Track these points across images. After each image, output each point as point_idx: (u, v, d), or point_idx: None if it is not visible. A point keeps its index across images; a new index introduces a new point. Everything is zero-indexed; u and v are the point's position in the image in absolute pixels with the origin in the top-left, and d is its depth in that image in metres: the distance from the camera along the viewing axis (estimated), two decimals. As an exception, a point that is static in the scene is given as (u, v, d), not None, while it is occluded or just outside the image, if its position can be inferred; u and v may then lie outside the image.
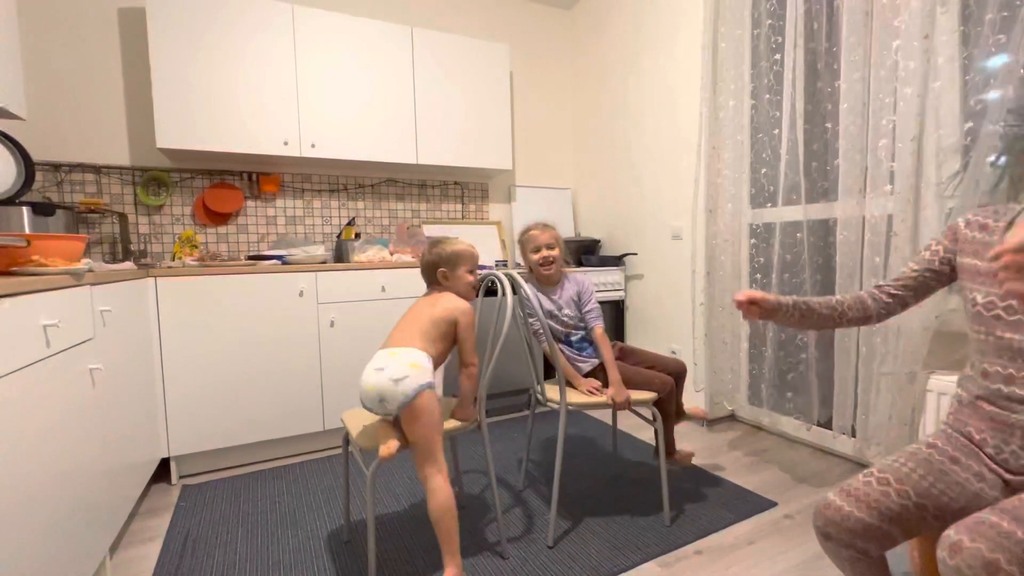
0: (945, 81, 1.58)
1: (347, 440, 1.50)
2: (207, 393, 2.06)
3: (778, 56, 2.05)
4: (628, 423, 2.62)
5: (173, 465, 2.05)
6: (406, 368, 1.29)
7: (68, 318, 1.24)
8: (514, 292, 1.53)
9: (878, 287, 1.17)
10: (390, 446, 1.25)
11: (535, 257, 1.76)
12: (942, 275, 1.09)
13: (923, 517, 0.90)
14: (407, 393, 1.27)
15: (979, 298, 0.98)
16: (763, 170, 2.22)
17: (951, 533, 0.77)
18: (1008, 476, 0.92)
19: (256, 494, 1.92)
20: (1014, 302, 0.92)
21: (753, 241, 2.29)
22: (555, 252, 1.75)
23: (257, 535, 1.65)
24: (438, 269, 1.51)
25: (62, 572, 1.14)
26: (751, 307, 1.17)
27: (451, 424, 1.44)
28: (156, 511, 1.83)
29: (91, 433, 1.35)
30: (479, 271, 1.58)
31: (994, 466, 0.94)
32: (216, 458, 2.15)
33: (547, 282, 1.79)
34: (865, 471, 0.98)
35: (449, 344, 1.46)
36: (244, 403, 2.13)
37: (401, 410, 1.28)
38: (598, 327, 1.74)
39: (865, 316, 1.17)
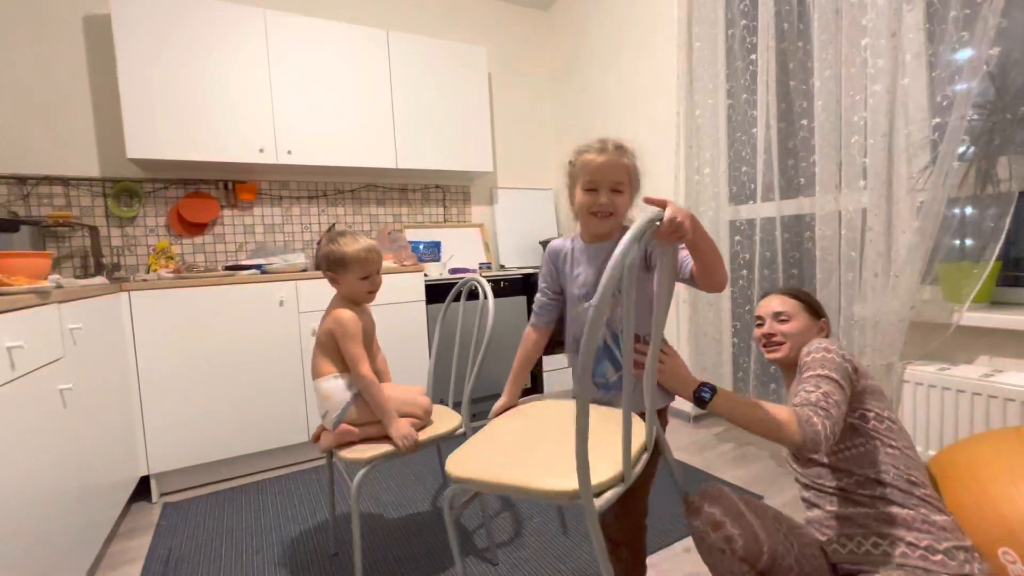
0: (913, 78, 1.61)
1: (330, 451, 1.47)
2: (187, 408, 2.02)
3: (753, 56, 2.07)
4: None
5: (153, 483, 2.00)
6: (322, 404, 1.34)
7: (34, 338, 1.20)
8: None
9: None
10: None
11: (585, 200, 1.07)
12: None
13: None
14: (335, 423, 1.31)
15: (884, 412, 1.06)
16: (743, 168, 2.24)
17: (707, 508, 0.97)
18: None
19: (240, 509, 1.88)
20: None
21: (737, 238, 2.31)
22: (623, 199, 1.07)
23: (242, 551, 1.61)
24: (326, 272, 1.37)
25: (35, 601, 1.11)
26: None
27: (437, 431, 1.42)
28: (137, 531, 1.78)
29: (63, 455, 1.31)
30: (462, 273, 1.49)
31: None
32: (198, 474, 2.11)
33: (597, 238, 1.13)
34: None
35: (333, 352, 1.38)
36: (226, 416, 2.08)
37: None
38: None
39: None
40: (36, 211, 2.24)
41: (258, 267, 2.31)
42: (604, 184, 1.05)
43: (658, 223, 0.79)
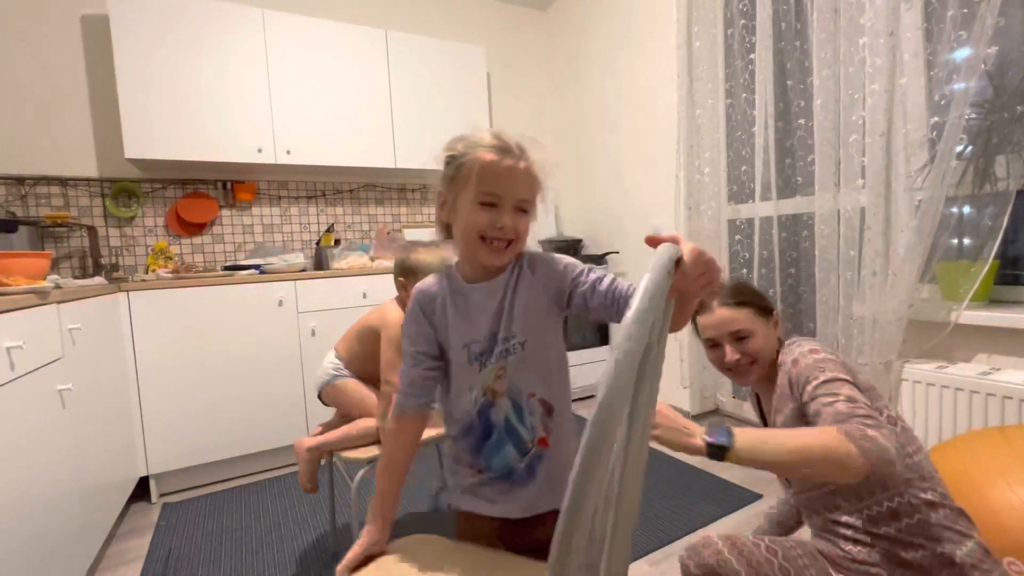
0: (911, 77, 1.61)
1: (330, 451, 1.47)
2: (186, 408, 2.01)
3: (752, 56, 2.08)
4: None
5: (152, 483, 2.00)
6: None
7: (34, 338, 1.20)
8: None
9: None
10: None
11: (478, 218, 0.78)
12: None
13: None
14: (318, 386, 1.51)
15: None
16: (743, 167, 2.25)
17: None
18: None
19: (240, 509, 1.88)
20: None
21: (737, 237, 2.31)
22: (525, 221, 0.81)
23: (242, 551, 1.61)
24: (396, 278, 1.44)
25: (35, 602, 1.11)
26: None
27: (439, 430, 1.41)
28: (136, 531, 1.78)
29: (62, 455, 1.31)
30: None
31: None
32: (197, 474, 2.10)
33: (486, 274, 0.84)
34: (755, 534, 0.98)
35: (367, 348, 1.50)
36: (225, 417, 2.08)
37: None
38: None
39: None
40: (34, 211, 2.23)
41: (257, 267, 2.30)
42: (508, 200, 0.77)
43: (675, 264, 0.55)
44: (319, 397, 1.58)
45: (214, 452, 2.07)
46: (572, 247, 3.14)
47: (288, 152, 2.43)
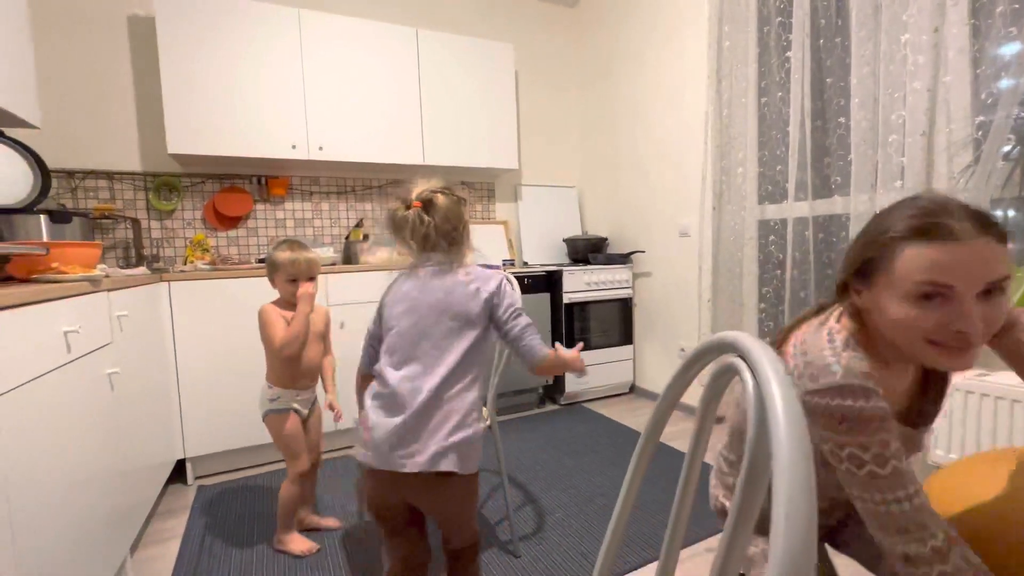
0: (956, 74, 1.56)
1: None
2: (221, 395, 2.09)
3: (788, 53, 2.04)
4: (636, 421, 2.62)
5: (189, 466, 2.08)
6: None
7: (87, 324, 1.27)
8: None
9: None
10: None
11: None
12: None
13: None
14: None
15: None
16: (777, 167, 2.21)
17: None
18: None
19: (271, 495, 1.94)
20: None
21: (772, 238, 2.27)
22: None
23: (272, 535, 1.67)
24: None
25: (86, 572, 1.17)
26: None
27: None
28: (173, 511, 1.86)
29: (111, 436, 1.38)
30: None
31: None
32: (231, 459, 2.18)
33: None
34: None
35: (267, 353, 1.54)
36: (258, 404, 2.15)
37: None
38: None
39: None
40: (83, 203, 2.34)
41: (289, 260, 2.37)
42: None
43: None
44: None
45: (247, 438, 2.14)
46: (596, 245, 3.13)
47: (320, 148, 2.49)
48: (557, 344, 1.07)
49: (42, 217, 1.57)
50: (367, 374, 1.11)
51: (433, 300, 1.02)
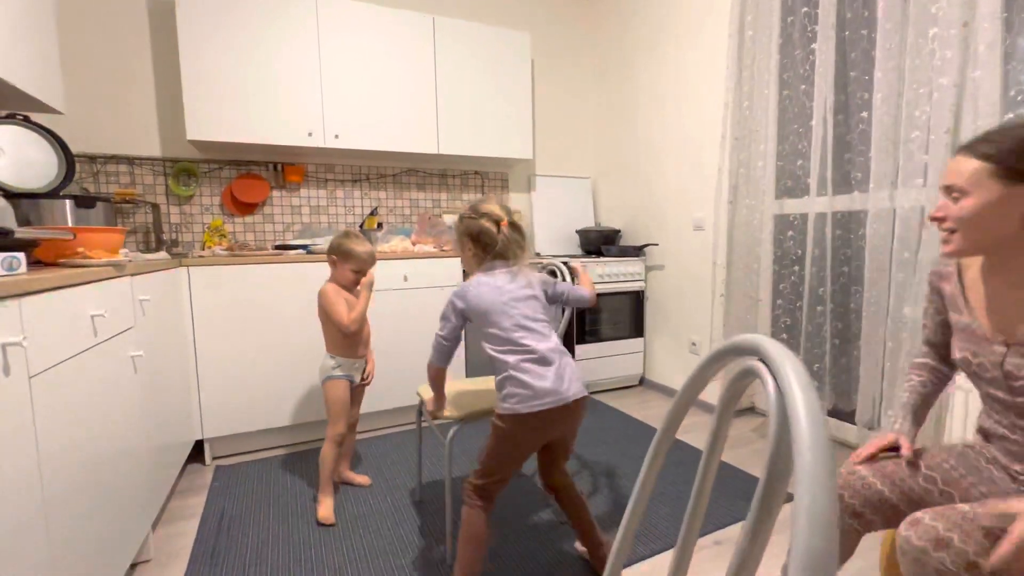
0: (985, 69, 1.52)
1: (420, 412, 1.69)
2: (239, 378, 2.14)
3: (813, 45, 2.00)
4: (646, 413, 2.64)
5: (207, 447, 2.14)
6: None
7: (113, 308, 1.30)
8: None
9: (922, 356, 1.09)
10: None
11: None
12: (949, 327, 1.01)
13: (949, 504, 0.88)
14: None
15: (956, 353, 0.95)
16: (798, 161, 2.18)
17: (918, 513, 0.79)
18: None
19: (287, 476, 1.99)
20: (986, 362, 0.88)
21: (790, 233, 2.25)
22: None
23: (288, 515, 1.72)
24: (329, 255, 1.74)
25: (112, 546, 1.22)
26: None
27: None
28: (192, 490, 1.92)
29: (134, 416, 1.43)
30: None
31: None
32: (248, 440, 2.24)
33: None
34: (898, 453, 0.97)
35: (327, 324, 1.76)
36: (275, 388, 2.20)
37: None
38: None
39: (944, 380, 1.08)
40: (104, 188, 2.38)
41: (304, 247, 2.40)
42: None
43: None
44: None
45: (264, 420, 2.19)
46: (610, 237, 3.12)
47: (336, 136, 2.51)
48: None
49: (67, 202, 1.60)
50: (443, 368, 1.37)
51: (524, 294, 1.29)
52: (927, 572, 0.72)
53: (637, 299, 3.03)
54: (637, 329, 3.05)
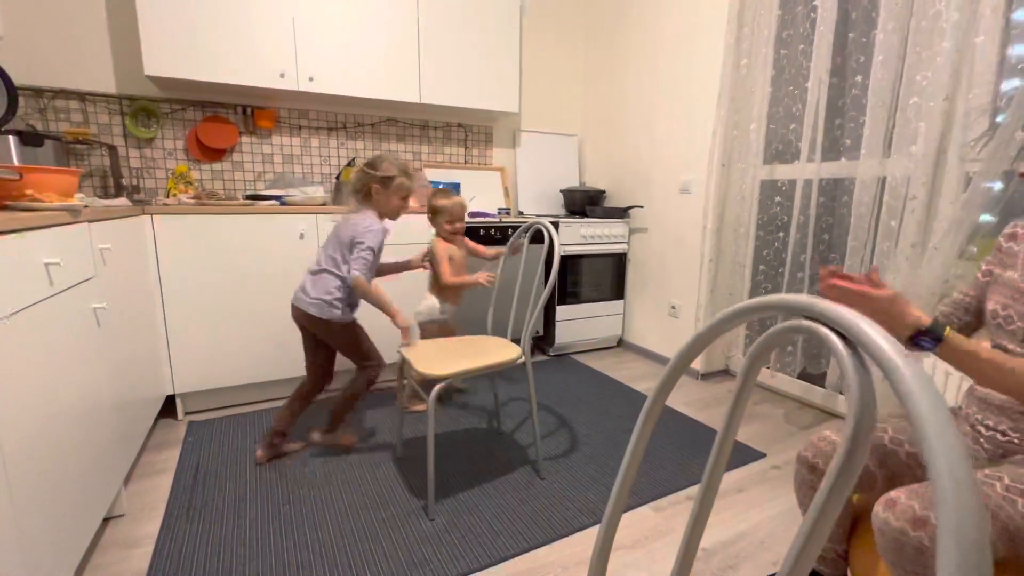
0: (988, 35, 1.49)
1: (401, 369, 1.77)
2: (210, 333, 2.06)
3: (816, 2, 1.92)
4: (624, 374, 2.68)
5: (179, 402, 2.08)
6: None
7: (69, 256, 1.21)
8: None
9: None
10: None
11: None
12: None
13: (910, 465, 0.93)
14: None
15: (990, 305, 0.96)
16: (791, 125, 2.14)
17: (891, 493, 0.80)
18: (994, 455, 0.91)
19: (262, 431, 1.96)
20: (1013, 314, 0.90)
21: (778, 199, 2.24)
22: None
23: (266, 470, 1.70)
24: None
25: (82, 501, 1.18)
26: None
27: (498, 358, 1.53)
28: (165, 445, 1.88)
29: (99, 370, 1.35)
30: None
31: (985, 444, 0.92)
32: (221, 396, 2.19)
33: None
34: None
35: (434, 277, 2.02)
36: (247, 343, 2.13)
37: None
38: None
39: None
40: (53, 126, 2.18)
41: (278, 198, 2.28)
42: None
43: None
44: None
45: (237, 376, 2.14)
46: (594, 198, 3.07)
47: (311, 79, 2.34)
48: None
49: (11, 139, 1.46)
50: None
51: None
52: (906, 551, 0.74)
53: (619, 261, 3.03)
54: (618, 291, 3.06)
